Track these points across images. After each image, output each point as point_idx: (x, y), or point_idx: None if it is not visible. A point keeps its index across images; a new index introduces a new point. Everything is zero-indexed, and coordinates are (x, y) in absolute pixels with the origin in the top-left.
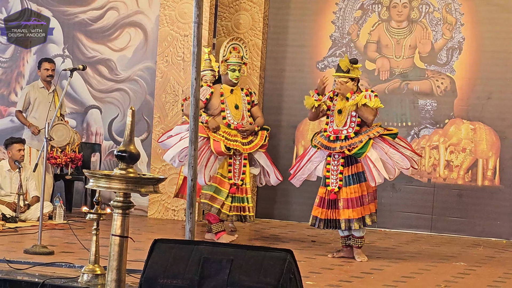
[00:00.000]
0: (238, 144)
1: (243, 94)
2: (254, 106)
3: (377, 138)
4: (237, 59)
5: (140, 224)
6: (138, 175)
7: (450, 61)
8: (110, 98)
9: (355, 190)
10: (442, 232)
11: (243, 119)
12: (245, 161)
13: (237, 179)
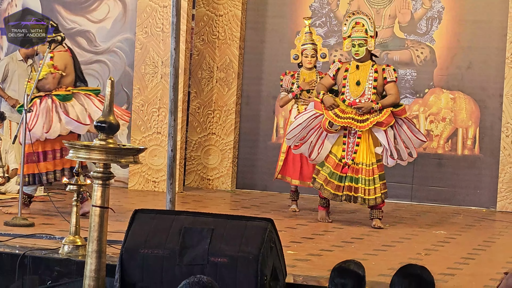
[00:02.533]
0: (350, 121)
1: (372, 71)
2: (387, 83)
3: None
4: (360, 33)
5: (121, 196)
6: (118, 146)
7: (429, 30)
8: (89, 70)
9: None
10: (422, 201)
11: (362, 96)
12: (358, 139)
13: (349, 158)
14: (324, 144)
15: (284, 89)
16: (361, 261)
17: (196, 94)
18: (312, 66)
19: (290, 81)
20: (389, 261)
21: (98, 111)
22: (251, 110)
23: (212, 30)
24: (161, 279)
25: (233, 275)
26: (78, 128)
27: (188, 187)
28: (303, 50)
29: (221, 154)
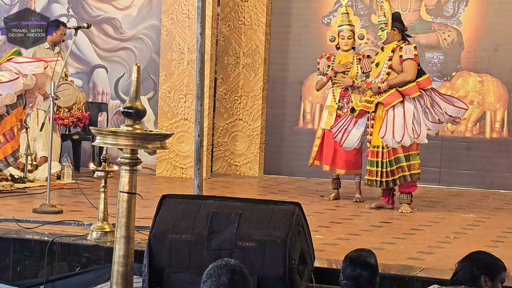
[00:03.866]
0: (364, 104)
1: (390, 51)
2: (403, 61)
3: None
4: (381, 17)
5: (148, 182)
6: (144, 131)
7: (456, 13)
8: (115, 57)
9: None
10: (450, 185)
11: (378, 77)
12: (372, 121)
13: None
14: (353, 131)
15: (320, 72)
16: (389, 245)
17: (222, 80)
18: (349, 48)
19: (326, 64)
20: (418, 244)
21: (22, 64)
22: (278, 96)
23: (238, 16)
24: (189, 264)
25: (261, 259)
26: (13, 86)
27: (215, 173)
28: (340, 32)
29: (248, 140)
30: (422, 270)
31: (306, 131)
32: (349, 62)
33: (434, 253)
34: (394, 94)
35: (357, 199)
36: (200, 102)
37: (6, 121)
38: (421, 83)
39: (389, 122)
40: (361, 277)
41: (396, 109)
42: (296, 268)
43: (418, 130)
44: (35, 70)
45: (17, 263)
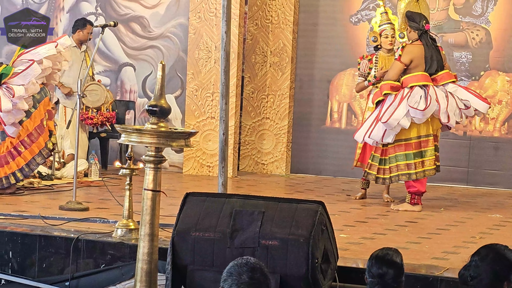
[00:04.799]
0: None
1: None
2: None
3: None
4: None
5: (175, 180)
6: (169, 129)
7: (485, 12)
8: (143, 55)
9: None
10: (478, 185)
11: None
12: None
13: None
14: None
15: (361, 74)
16: (414, 245)
17: (250, 78)
18: (393, 47)
19: (367, 66)
20: (443, 244)
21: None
22: (305, 94)
23: (265, 15)
24: (212, 261)
25: (284, 258)
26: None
27: (242, 171)
28: (382, 31)
29: (275, 139)
30: (446, 270)
31: (333, 130)
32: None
33: (459, 253)
34: (377, 92)
35: (386, 199)
36: (225, 100)
37: (35, 115)
38: (403, 81)
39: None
40: (387, 276)
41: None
42: (319, 267)
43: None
44: (48, 53)
45: (42, 259)
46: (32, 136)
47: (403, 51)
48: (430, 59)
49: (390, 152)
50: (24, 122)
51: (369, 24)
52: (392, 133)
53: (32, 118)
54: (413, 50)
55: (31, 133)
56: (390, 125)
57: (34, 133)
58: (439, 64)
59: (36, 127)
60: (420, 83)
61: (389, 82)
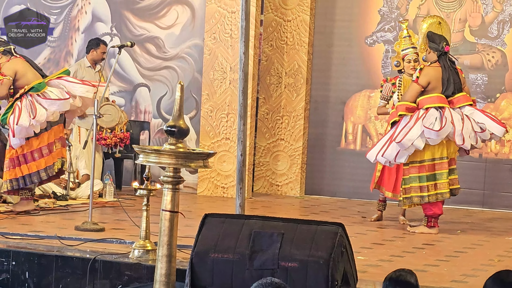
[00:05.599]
0: None
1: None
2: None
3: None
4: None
5: (190, 201)
6: (187, 150)
7: (501, 34)
8: (158, 76)
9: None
10: (494, 208)
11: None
12: None
13: None
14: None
15: (383, 97)
16: (432, 267)
17: (264, 99)
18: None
19: (390, 89)
20: (461, 267)
21: (73, 84)
22: (320, 116)
23: (280, 36)
24: (231, 283)
25: (303, 280)
26: (61, 105)
27: (256, 193)
28: (405, 56)
29: (290, 160)
30: None
31: (348, 152)
32: None
33: (478, 276)
34: (393, 113)
35: (402, 222)
36: (243, 121)
37: (43, 136)
38: (419, 102)
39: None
40: None
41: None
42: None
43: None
44: (85, 94)
45: (59, 280)
46: (34, 154)
47: (421, 73)
48: (447, 81)
49: (405, 173)
50: (31, 139)
51: (384, 45)
52: (405, 154)
53: (40, 137)
54: (430, 72)
55: (34, 150)
56: (404, 145)
57: (36, 152)
58: (456, 87)
59: (41, 147)
60: (436, 104)
61: (405, 103)
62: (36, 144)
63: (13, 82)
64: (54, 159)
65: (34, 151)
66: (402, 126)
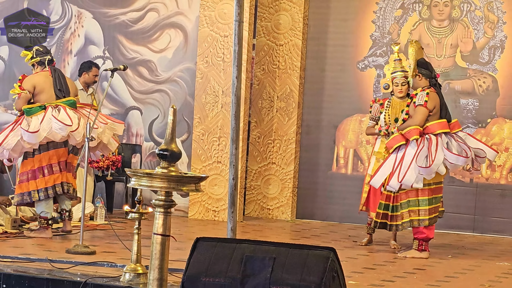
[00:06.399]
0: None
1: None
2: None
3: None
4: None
5: (181, 225)
6: (180, 174)
7: (492, 59)
8: (150, 99)
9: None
10: (485, 233)
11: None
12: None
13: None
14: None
15: (372, 117)
16: None
17: (256, 123)
18: (404, 95)
19: (378, 110)
20: None
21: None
22: (311, 140)
23: (272, 60)
24: None
25: None
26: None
27: (248, 216)
28: (393, 79)
29: (281, 184)
30: None
31: (339, 176)
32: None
33: None
34: (397, 138)
35: (393, 246)
36: (235, 145)
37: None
38: (429, 127)
39: (386, 166)
40: None
41: (399, 152)
42: None
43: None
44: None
45: None
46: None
47: (429, 97)
48: (445, 107)
49: (403, 198)
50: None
51: (376, 70)
52: (421, 178)
53: (36, 158)
54: (435, 97)
55: (34, 169)
56: (431, 170)
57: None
58: (448, 112)
59: (37, 169)
60: (446, 130)
61: (418, 128)
62: (32, 164)
63: (33, 96)
64: (55, 181)
65: (34, 170)
66: (415, 150)
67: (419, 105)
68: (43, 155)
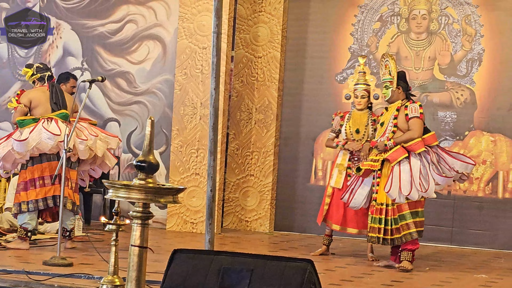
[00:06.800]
0: (370, 163)
1: (395, 110)
2: (409, 120)
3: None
4: (385, 75)
5: (159, 236)
6: (157, 185)
7: (470, 72)
8: (128, 111)
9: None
10: (462, 245)
11: (383, 136)
12: (378, 179)
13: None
14: (359, 190)
15: (333, 130)
16: None
17: (234, 135)
18: (362, 107)
19: (339, 122)
20: None
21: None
22: (290, 152)
23: (251, 72)
24: None
25: None
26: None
27: (226, 228)
28: (355, 90)
29: (259, 196)
30: None
31: (317, 188)
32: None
33: None
34: (399, 150)
35: (370, 258)
36: (213, 157)
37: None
38: (426, 139)
39: (395, 177)
40: None
41: (402, 165)
42: None
43: (425, 185)
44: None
45: None
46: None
47: (422, 109)
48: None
49: (404, 208)
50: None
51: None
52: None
53: (28, 170)
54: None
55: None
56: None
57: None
58: None
59: (28, 181)
60: (437, 142)
61: (422, 140)
62: (24, 176)
63: (30, 110)
64: (47, 194)
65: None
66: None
67: (415, 117)
68: (36, 167)
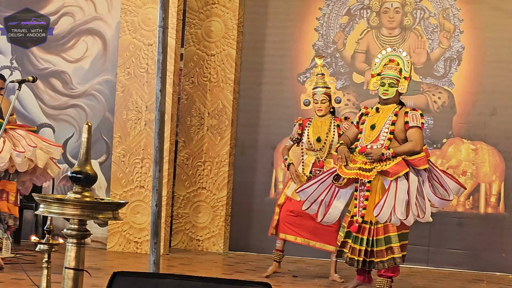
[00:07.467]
0: (357, 172)
1: (392, 114)
2: (409, 129)
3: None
4: (393, 72)
5: (98, 258)
6: (95, 200)
7: (448, 73)
8: (64, 115)
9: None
10: (440, 266)
11: (375, 142)
12: (367, 193)
13: (358, 214)
14: (334, 203)
15: (291, 138)
16: None
17: (184, 143)
18: (324, 113)
19: (297, 131)
20: None
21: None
22: (247, 162)
23: (203, 72)
24: None
25: None
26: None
27: (174, 248)
28: (313, 95)
29: (212, 212)
30: None
31: None
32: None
33: None
34: (402, 164)
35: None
36: (158, 168)
37: None
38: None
39: (390, 196)
40: None
41: (400, 182)
42: None
43: (423, 207)
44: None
45: None
46: None
47: (423, 119)
48: None
49: (391, 230)
50: None
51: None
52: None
53: None
54: None
55: None
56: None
57: None
58: None
59: None
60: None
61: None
62: None
63: None
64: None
65: None
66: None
67: (416, 127)
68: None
